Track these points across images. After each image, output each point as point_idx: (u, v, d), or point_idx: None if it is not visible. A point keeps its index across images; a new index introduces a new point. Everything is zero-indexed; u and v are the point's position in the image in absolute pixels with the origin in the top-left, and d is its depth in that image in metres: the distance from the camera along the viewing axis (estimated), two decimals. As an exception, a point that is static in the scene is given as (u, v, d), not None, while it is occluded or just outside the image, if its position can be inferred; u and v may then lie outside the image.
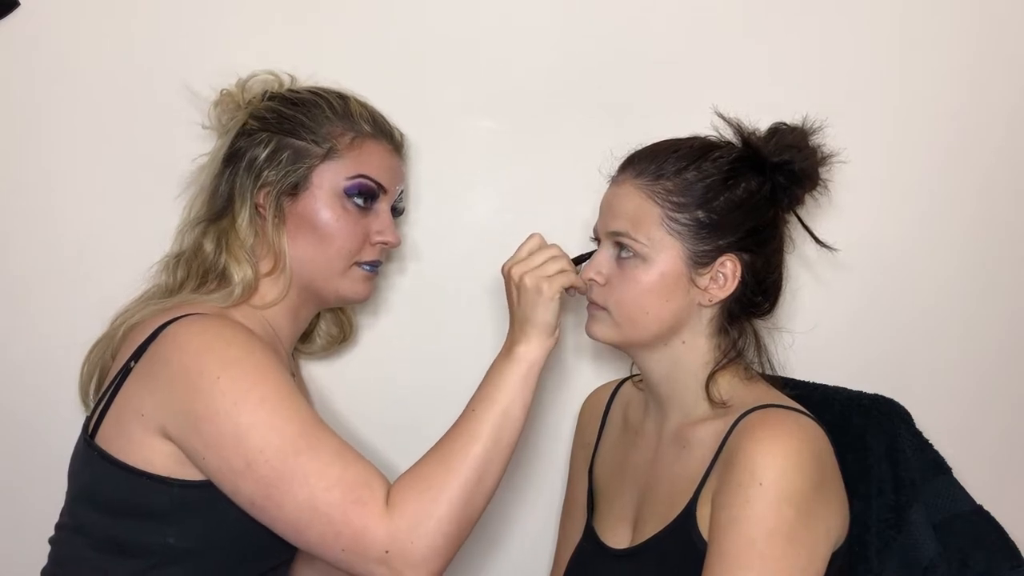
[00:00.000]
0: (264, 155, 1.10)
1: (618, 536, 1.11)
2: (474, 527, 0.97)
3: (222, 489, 0.97)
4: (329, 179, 1.10)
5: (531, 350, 1.02)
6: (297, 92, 1.16)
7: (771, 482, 0.91)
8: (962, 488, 1.06)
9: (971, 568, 1.01)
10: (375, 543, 0.91)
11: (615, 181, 1.09)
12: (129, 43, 1.29)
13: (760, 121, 1.09)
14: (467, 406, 1.01)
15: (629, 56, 1.30)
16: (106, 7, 1.28)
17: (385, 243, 1.15)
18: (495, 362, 1.03)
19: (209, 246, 1.10)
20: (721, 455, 0.99)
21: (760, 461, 0.93)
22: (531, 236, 1.06)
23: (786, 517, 0.91)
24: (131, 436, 0.99)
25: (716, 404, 1.04)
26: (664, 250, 1.02)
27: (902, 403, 1.10)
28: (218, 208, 1.12)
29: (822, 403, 1.07)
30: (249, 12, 1.30)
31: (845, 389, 1.16)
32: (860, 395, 1.14)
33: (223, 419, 0.94)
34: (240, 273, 1.08)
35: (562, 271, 1.02)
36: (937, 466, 1.07)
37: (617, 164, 1.10)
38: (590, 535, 1.15)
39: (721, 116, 1.08)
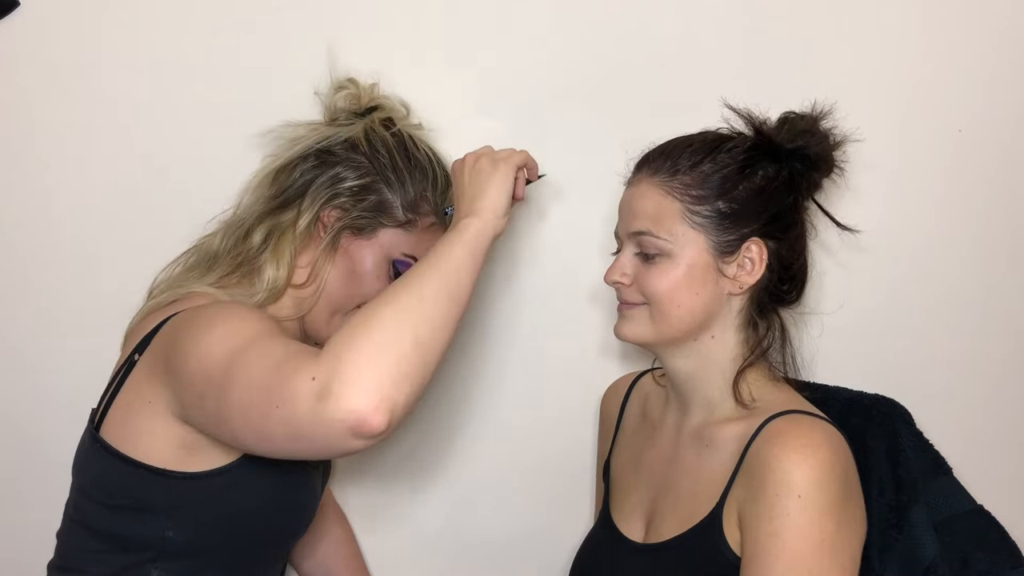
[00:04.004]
0: (354, 181, 1.10)
1: (631, 528, 1.11)
2: (427, 378, 0.86)
3: (206, 431, 0.95)
4: (391, 243, 1.11)
5: (474, 222, 0.97)
6: (417, 146, 1.16)
7: (811, 495, 0.92)
8: (963, 488, 1.06)
9: (972, 568, 1.02)
10: (302, 377, 0.82)
11: (631, 182, 1.09)
12: (129, 40, 1.29)
13: (770, 111, 1.09)
14: None
15: (633, 54, 1.30)
16: (105, 5, 1.28)
17: None
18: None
19: (257, 237, 1.10)
20: (746, 459, 0.99)
21: (795, 472, 0.93)
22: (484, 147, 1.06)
23: (828, 530, 0.92)
24: (139, 426, 0.99)
25: (743, 404, 1.04)
26: (688, 244, 1.03)
27: (902, 403, 1.10)
28: (286, 193, 1.11)
29: (823, 403, 1.07)
30: (244, 10, 1.29)
31: (845, 389, 1.16)
32: (861, 395, 1.14)
33: (192, 350, 0.92)
34: (272, 273, 1.08)
35: (515, 152, 1.03)
36: (938, 466, 1.07)
37: (631, 165, 1.10)
38: (607, 524, 1.15)
39: (731, 107, 1.09)
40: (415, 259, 1.11)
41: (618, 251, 1.10)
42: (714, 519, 0.99)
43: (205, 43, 1.29)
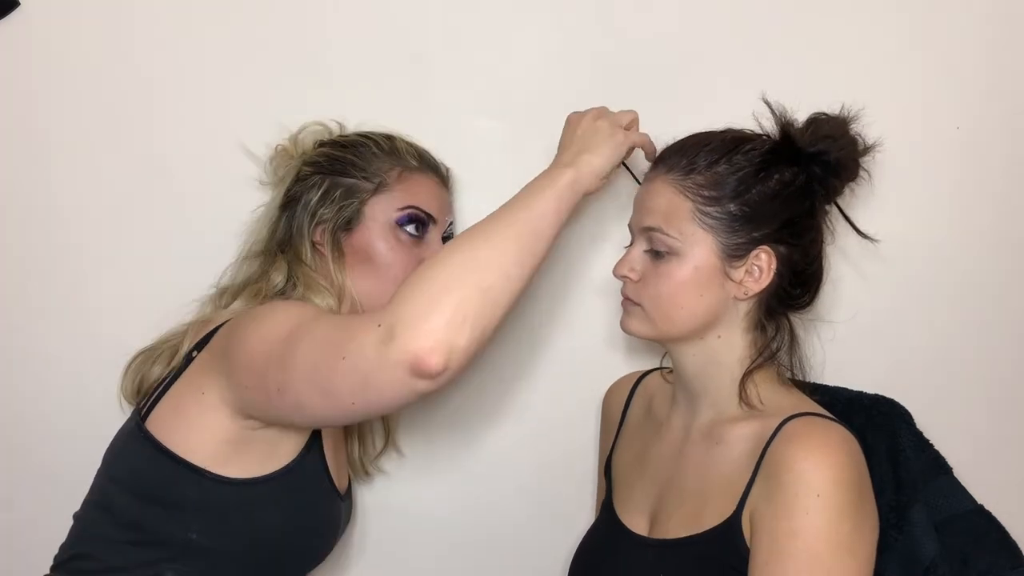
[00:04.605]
0: (318, 195, 1.13)
1: (635, 523, 1.11)
2: (494, 324, 0.87)
3: (261, 412, 0.97)
4: (381, 211, 1.13)
5: (571, 172, 0.96)
6: (346, 136, 1.21)
7: (830, 495, 0.92)
8: (963, 488, 1.07)
9: (972, 567, 1.02)
10: (369, 325, 0.84)
11: (647, 178, 1.09)
12: (129, 41, 1.29)
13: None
14: None
15: (634, 55, 1.29)
16: (105, 6, 1.28)
17: None
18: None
19: (278, 276, 1.13)
20: (764, 463, 0.98)
21: (814, 472, 0.93)
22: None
23: (845, 530, 0.92)
24: (187, 418, 1.01)
25: (750, 405, 1.04)
26: (697, 244, 1.02)
27: (902, 403, 1.10)
28: (278, 244, 1.16)
29: (823, 404, 1.07)
30: (245, 11, 1.29)
31: (846, 389, 1.16)
32: (861, 395, 1.14)
33: (250, 334, 0.95)
34: (323, 303, 1.09)
35: (636, 132, 1.04)
36: (938, 466, 1.07)
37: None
38: (611, 517, 1.15)
39: (766, 102, 1.07)
40: (412, 207, 1.14)
41: (631, 245, 1.09)
42: (732, 524, 0.98)
43: (205, 43, 1.29)
